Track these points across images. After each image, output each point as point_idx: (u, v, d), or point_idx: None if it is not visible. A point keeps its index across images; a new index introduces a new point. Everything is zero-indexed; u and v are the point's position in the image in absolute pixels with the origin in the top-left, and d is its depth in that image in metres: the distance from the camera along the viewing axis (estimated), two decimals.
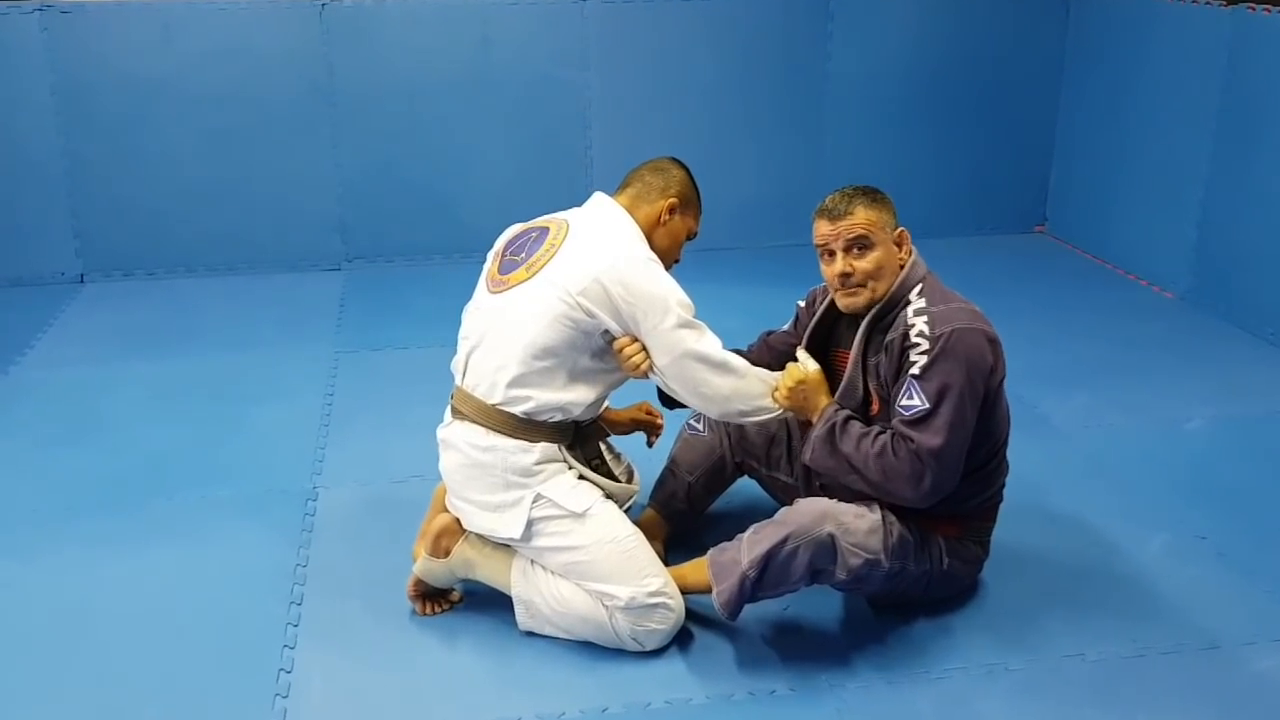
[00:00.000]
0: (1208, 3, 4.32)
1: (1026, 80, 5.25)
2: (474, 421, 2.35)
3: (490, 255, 2.53)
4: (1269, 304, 4.13)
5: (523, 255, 2.39)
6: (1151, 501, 3.02)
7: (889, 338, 2.33)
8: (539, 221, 2.47)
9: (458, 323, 4.19)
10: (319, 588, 2.61)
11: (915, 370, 2.25)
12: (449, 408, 2.48)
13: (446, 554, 2.43)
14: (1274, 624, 2.49)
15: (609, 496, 2.42)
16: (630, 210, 2.44)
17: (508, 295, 2.35)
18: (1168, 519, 2.93)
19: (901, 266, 2.37)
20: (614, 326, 2.30)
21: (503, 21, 4.73)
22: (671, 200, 2.45)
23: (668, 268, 2.43)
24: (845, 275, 2.34)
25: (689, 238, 2.53)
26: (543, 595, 2.35)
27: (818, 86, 5.06)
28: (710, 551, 2.37)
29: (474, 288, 2.53)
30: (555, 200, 4.90)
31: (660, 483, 2.76)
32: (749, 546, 2.27)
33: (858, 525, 2.26)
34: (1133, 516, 2.94)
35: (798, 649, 2.40)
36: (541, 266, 2.32)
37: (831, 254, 2.36)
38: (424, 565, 2.45)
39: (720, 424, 2.72)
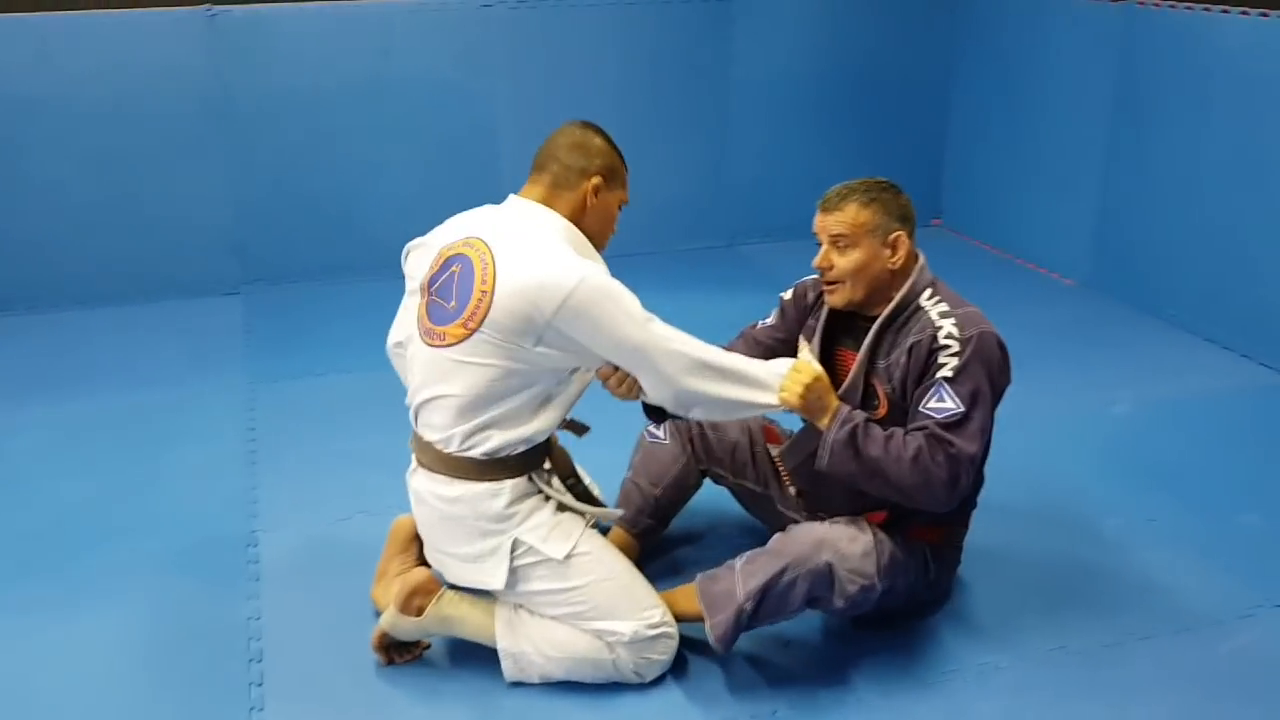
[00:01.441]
0: None
1: (918, 78, 5.35)
2: (435, 471, 2.23)
3: (411, 278, 2.36)
4: (1169, 286, 4.29)
5: (453, 302, 2.14)
6: (1096, 488, 3.08)
7: (913, 340, 2.29)
8: (454, 246, 2.21)
9: (376, 345, 4.00)
10: (278, 642, 2.45)
11: (947, 373, 2.22)
12: (413, 452, 2.36)
13: (419, 613, 2.29)
14: (1236, 602, 2.56)
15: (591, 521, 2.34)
16: (551, 202, 2.22)
17: (450, 352, 2.14)
18: (1115, 504, 2.99)
19: (891, 271, 2.33)
20: (582, 364, 2.20)
21: (404, 29, 4.57)
22: (596, 180, 2.24)
23: (603, 245, 2.29)
24: (824, 268, 2.35)
25: (620, 207, 2.34)
26: (534, 643, 2.24)
27: (722, 90, 5.05)
28: (699, 579, 2.31)
29: (393, 308, 2.41)
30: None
31: (624, 499, 2.67)
32: (744, 578, 2.21)
33: (853, 550, 2.22)
34: (1081, 504, 3.00)
35: (789, 668, 2.36)
36: (481, 320, 2.09)
37: (820, 244, 2.36)
38: (392, 620, 2.30)
39: (683, 430, 2.65)
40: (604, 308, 2.08)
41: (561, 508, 2.29)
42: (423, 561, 2.52)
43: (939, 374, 2.23)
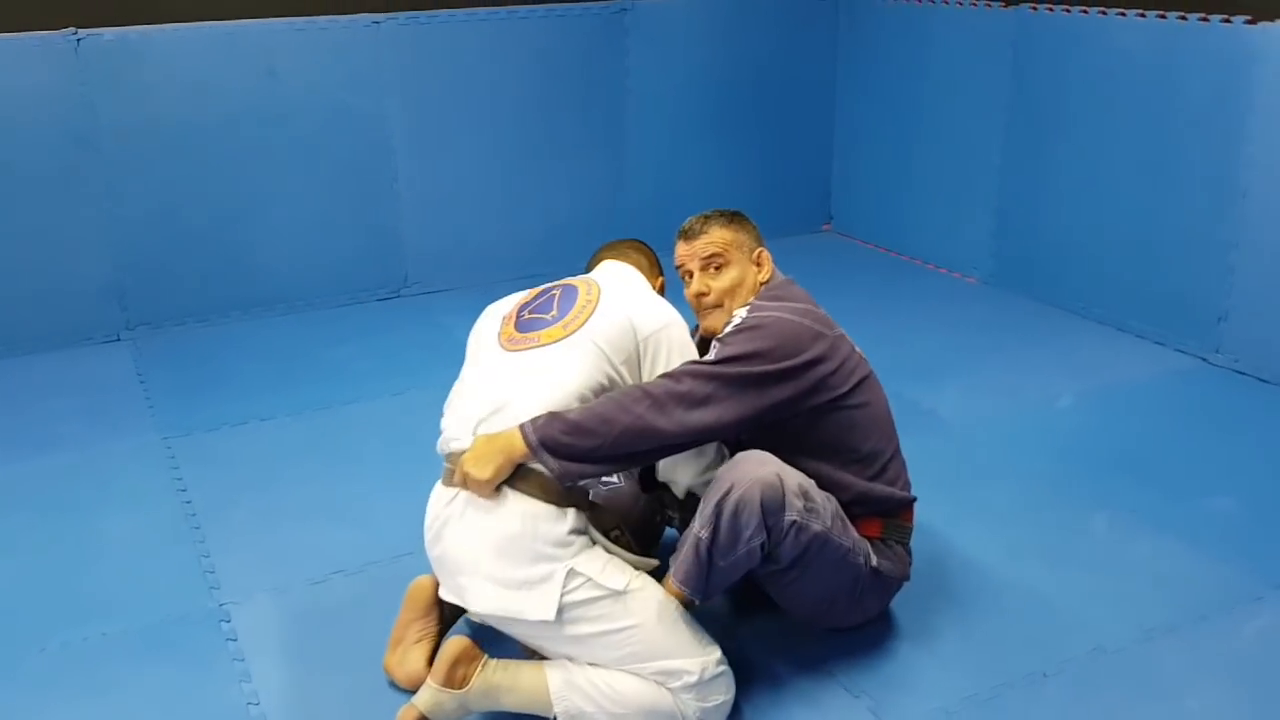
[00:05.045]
0: (988, 5, 4.59)
1: (803, 86, 5.39)
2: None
3: (480, 333, 2.34)
4: (1076, 279, 4.44)
5: (554, 312, 2.22)
6: (1072, 483, 3.13)
7: None
8: (555, 282, 2.35)
9: (292, 386, 3.81)
10: None
11: (719, 337, 2.23)
12: (450, 479, 2.15)
13: (463, 684, 2.09)
14: (1240, 587, 2.63)
15: None
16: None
17: (542, 352, 2.16)
18: (1096, 498, 3.04)
19: (761, 285, 2.38)
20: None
21: (290, 49, 4.28)
22: (661, 280, 2.50)
23: None
24: (700, 295, 2.37)
25: None
26: (595, 701, 2.07)
27: (619, 103, 4.96)
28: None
29: (293, 344, 2.27)
30: (364, 240, 4.61)
31: None
32: (699, 514, 2.12)
33: (793, 475, 2.13)
34: (1063, 500, 3.04)
35: (829, 697, 2.27)
36: (583, 322, 2.18)
37: (689, 274, 2.40)
38: (432, 698, 2.09)
39: (634, 473, 2.52)
40: (680, 356, 2.22)
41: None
42: (443, 625, 2.33)
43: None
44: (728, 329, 2.24)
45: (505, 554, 2.05)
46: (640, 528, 2.50)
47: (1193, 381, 3.82)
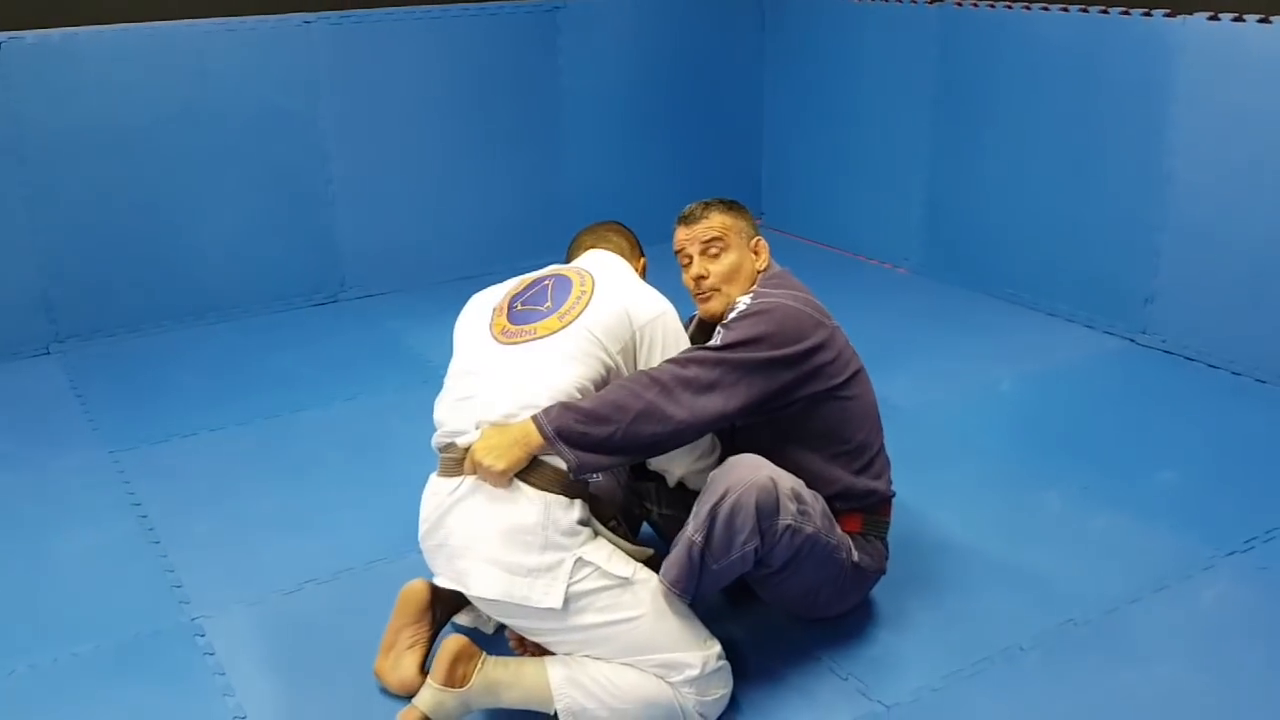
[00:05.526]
0: (912, 1, 4.70)
1: (731, 82, 5.45)
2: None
3: (470, 323, 2.31)
4: (1004, 267, 4.58)
5: (548, 303, 2.23)
6: (1022, 464, 3.23)
7: None
8: (545, 272, 2.35)
9: (237, 395, 3.74)
10: None
11: (723, 323, 2.27)
12: (451, 470, 2.13)
13: (464, 682, 2.08)
14: (1192, 556, 2.75)
15: None
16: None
17: (539, 344, 2.16)
18: (1047, 477, 3.15)
19: (759, 274, 2.42)
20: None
21: (220, 50, 4.18)
22: (644, 260, 2.53)
23: None
24: (700, 278, 2.38)
25: None
26: (596, 697, 2.07)
27: (553, 101, 4.95)
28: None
29: (230, 351, 2.22)
30: (299, 244, 4.52)
31: None
32: (693, 517, 2.14)
33: (786, 478, 2.16)
34: (1016, 481, 3.14)
35: (819, 682, 2.32)
36: (579, 313, 2.18)
37: (689, 259, 2.41)
38: (433, 698, 2.07)
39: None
40: (675, 344, 2.25)
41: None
42: (434, 631, 2.32)
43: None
44: (732, 314, 2.26)
45: (515, 541, 2.04)
46: (626, 516, 2.52)
47: (1123, 362, 3.97)
